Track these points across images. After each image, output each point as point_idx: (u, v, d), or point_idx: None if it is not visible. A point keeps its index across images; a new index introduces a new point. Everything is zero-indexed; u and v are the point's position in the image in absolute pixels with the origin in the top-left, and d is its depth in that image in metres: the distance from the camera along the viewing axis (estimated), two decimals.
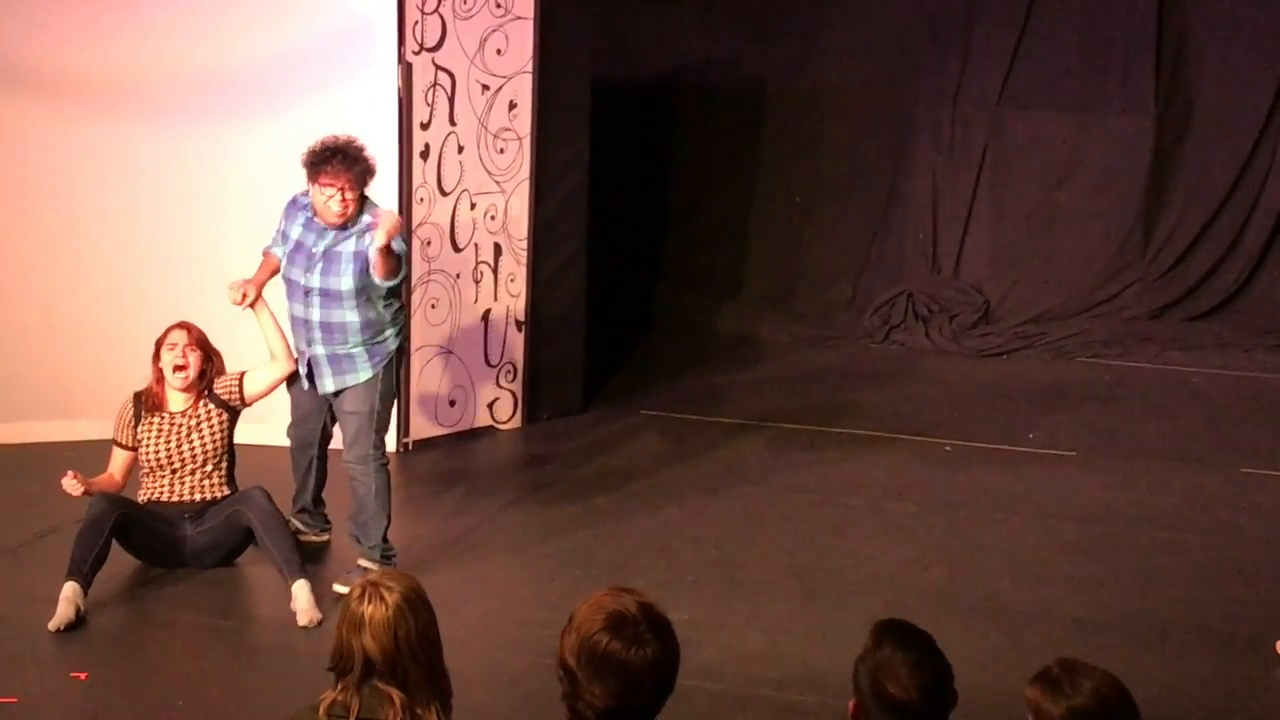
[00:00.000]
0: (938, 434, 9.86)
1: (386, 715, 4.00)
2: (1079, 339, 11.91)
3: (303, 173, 7.27)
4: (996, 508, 8.59)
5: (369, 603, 4.06)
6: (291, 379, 7.60)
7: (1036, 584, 7.51)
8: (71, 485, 7.17)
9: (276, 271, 7.55)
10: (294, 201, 7.49)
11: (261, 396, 7.62)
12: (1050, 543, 8.09)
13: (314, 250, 7.29)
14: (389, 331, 7.39)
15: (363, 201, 7.28)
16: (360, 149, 7.26)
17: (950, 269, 12.43)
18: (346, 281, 7.22)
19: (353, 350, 7.32)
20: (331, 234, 7.26)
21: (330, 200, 7.20)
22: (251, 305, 7.48)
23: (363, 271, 7.19)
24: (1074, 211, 12.21)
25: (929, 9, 12.46)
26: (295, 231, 7.40)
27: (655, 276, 12.96)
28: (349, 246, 7.23)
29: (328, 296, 7.25)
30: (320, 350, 7.35)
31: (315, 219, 7.31)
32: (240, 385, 7.51)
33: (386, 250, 7.03)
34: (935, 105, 12.41)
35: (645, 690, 3.59)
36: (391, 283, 7.20)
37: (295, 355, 7.48)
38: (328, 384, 7.39)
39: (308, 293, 7.30)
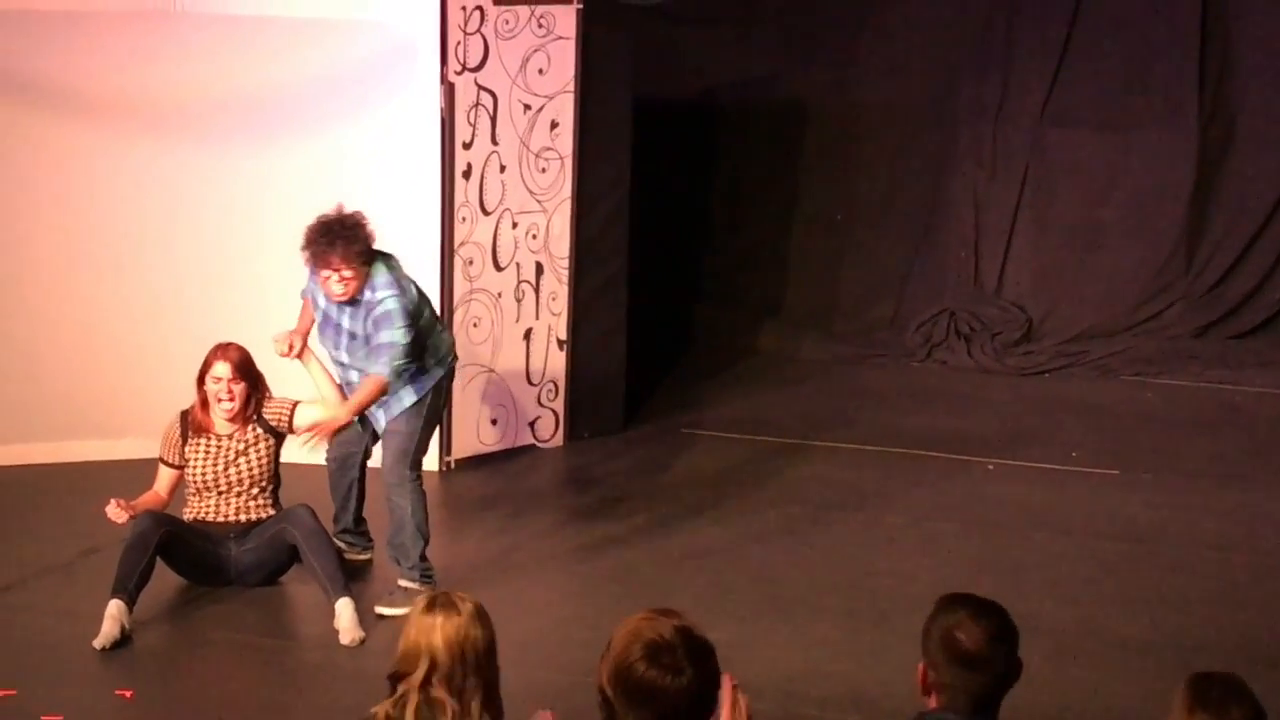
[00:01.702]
0: (980, 453, 9.83)
1: None
2: (1122, 357, 11.86)
3: (337, 199, 7.31)
4: (1039, 527, 8.56)
5: (442, 609, 4.15)
6: (340, 446, 7.64)
7: (1079, 603, 7.48)
8: (116, 513, 7.18)
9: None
10: None
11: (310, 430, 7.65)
12: (1093, 562, 8.06)
13: (339, 324, 7.37)
14: (431, 364, 7.44)
15: (369, 270, 7.26)
16: (354, 225, 7.20)
17: (992, 287, 12.39)
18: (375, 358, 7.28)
19: (401, 391, 7.38)
20: (349, 308, 7.30)
21: (330, 282, 7.25)
22: (298, 356, 7.50)
23: None
24: (1117, 229, 12.16)
25: (970, 27, 12.43)
26: (320, 298, 7.43)
27: (696, 295, 12.95)
28: (361, 324, 7.30)
29: (362, 371, 7.31)
30: None
31: None
32: (291, 416, 7.52)
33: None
34: (976, 123, 12.38)
35: (681, 717, 3.58)
36: (400, 365, 7.22)
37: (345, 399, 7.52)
38: (380, 422, 7.47)
39: (344, 365, 7.41)
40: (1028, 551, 8.19)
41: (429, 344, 7.46)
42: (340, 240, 7.17)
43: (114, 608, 6.94)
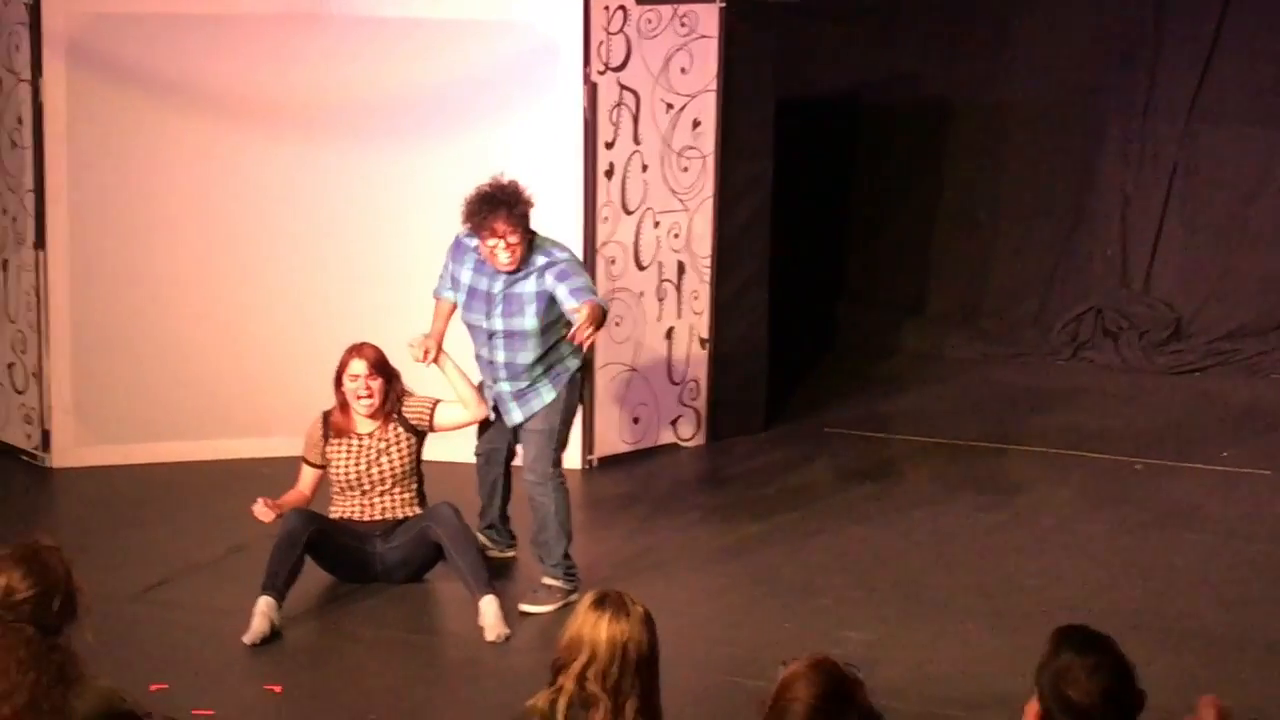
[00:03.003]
0: (1128, 452, 9.70)
1: (591, 718, 4.05)
2: (1273, 356, 11.64)
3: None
4: (1189, 527, 8.44)
5: (611, 606, 4.15)
6: (486, 440, 7.67)
7: (1230, 606, 7.37)
8: (262, 512, 7.27)
9: (451, 315, 7.62)
10: (458, 244, 7.53)
11: (449, 430, 7.70)
12: (1245, 563, 7.94)
13: (491, 292, 7.34)
14: (567, 353, 7.43)
15: (531, 238, 7.31)
16: (514, 191, 7.23)
17: (1140, 284, 12.22)
18: (530, 321, 7.27)
19: (537, 383, 7.38)
20: (504, 275, 7.32)
21: (496, 250, 7.25)
22: (435, 360, 7.54)
23: (545, 310, 7.24)
24: (1267, 226, 11.94)
25: (1116, 23, 12.27)
26: (466, 276, 7.44)
27: (838, 294, 12.89)
28: (528, 287, 7.27)
29: (511, 337, 7.31)
30: (506, 387, 7.42)
31: (485, 262, 7.36)
32: (432, 415, 7.57)
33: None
34: (1123, 120, 12.21)
35: None
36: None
37: (483, 398, 7.54)
38: (515, 416, 7.46)
39: (491, 335, 7.37)
40: (1177, 553, 8.08)
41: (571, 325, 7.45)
42: (504, 205, 7.18)
43: (263, 604, 7.03)
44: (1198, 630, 7.02)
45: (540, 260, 7.27)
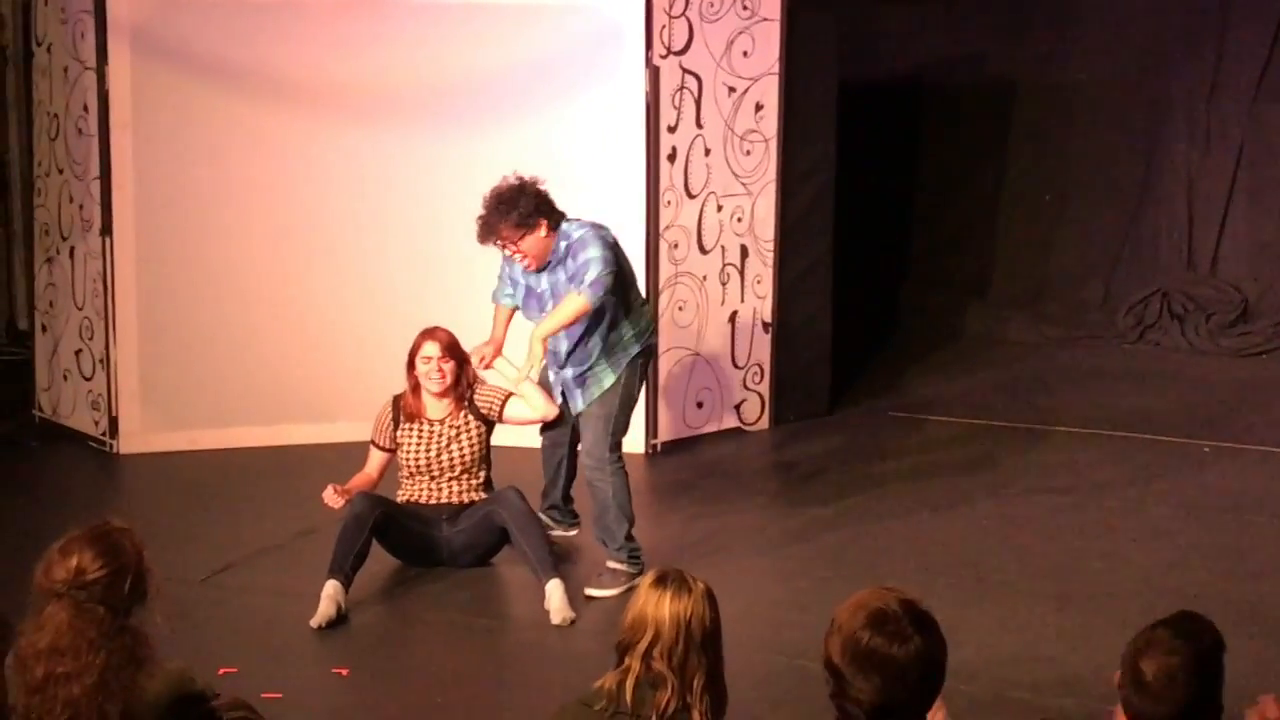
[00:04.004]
0: (1196, 435, 9.63)
1: (659, 699, 4.05)
2: None
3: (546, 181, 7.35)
4: (1258, 511, 8.37)
5: (673, 584, 4.16)
6: (554, 425, 7.68)
7: None
8: (332, 498, 7.30)
9: (510, 320, 7.65)
10: None
11: (516, 424, 7.73)
12: None
13: (539, 290, 7.37)
14: (628, 335, 7.41)
15: (554, 227, 7.26)
16: (502, 198, 7.18)
17: (1206, 267, 12.14)
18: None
19: (598, 367, 7.38)
20: (543, 272, 7.32)
21: (514, 258, 7.30)
22: (488, 365, 7.60)
23: None
24: None
25: (1181, 3, 12.19)
26: (519, 273, 7.47)
27: (902, 277, 12.86)
28: (562, 276, 7.27)
29: (569, 327, 7.31)
30: (569, 373, 7.43)
31: None
32: (502, 406, 7.59)
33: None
34: (1189, 101, 12.13)
35: (911, 684, 3.59)
36: (600, 295, 7.16)
37: (551, 397, 7.55)
38: (578, 404, 7.46)
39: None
40: (1245, 536, 8.01)
41: (631, 306, 7.41)
42: (495, 214, 7.19)
43: (330, 588, 7.06)
44: (1265, 614, 6.96)
45: (562, 246, 7.26)
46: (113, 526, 4.08)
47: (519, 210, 7.19)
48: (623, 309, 7.36)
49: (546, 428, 7.80)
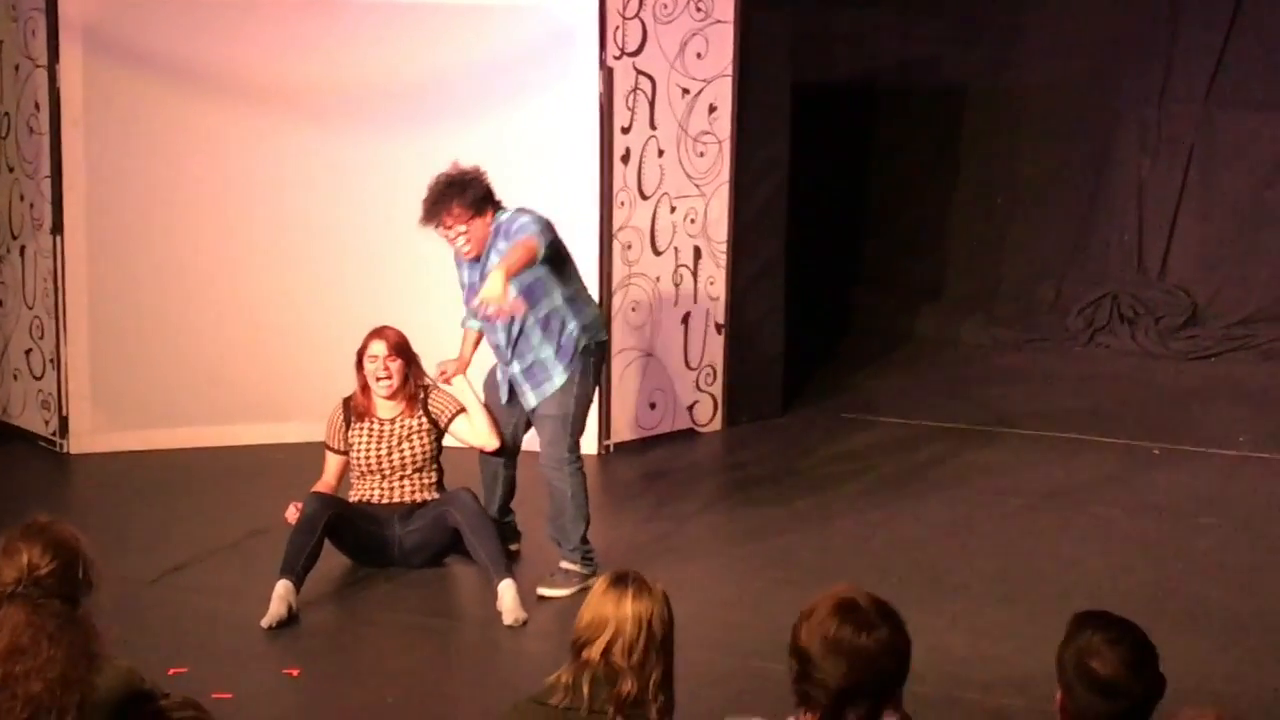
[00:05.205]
0: (1145, 437, 9.69)
1: (617, 691, 4.06)
2: None
3: (497, 185, 7.33)
4: (1205, 512, 8.42)
5: (633, 584, 4.17)
6: (492, 452, 7.64)
7: (1246, 592, 7.35)
8: (293, 516, 7.28)
9: (478, 344, 7.62)
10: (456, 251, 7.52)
11: (457, 440, 7.72)
12: (1261, 549, 7.92)
13: (475, 284, 7.27)
14: (571, 325, 7.30)
15: (495, 214, 7.23)
16: (449, 182, 7.19)
17: (1156, 270, 12.22)
18: (509, 294, 7.20)
19: (542, 356, 7.30)
20: (476, 262, 7.30)
21: (456, 241, 7.26)
22: (448, 380, 7.59)
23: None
24: None
25: (1132, 7, 12.26)
26: (464, 276, 7.44)
27: (855, 279, 12.89)
28: (495, 260, 7.21)
29: (502, 315, 7.24)
30: (516, 367, 7.37)
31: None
32: (451, 417, 7.58)
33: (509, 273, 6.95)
34: (1140, 105, 12.21)
35: (876, 670, 3.68)
36: (540, 241, 7.07)
37: (496, 432, 7.54)
38: (530, 400, 7.40)
39: (489, 320, 7.32)
40: (1194, 537, 8.06)
41: (575, 297, 7.34)
42: (454, 195, 7.17)
43: (282, 588, 7.04)
44: (1214, 614, 7.01)
45: (500, 245, 7.22)
46: (46, 521, 4.08)
47: (472, 191, 7.19)
48: (563, 295, 7.29)
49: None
